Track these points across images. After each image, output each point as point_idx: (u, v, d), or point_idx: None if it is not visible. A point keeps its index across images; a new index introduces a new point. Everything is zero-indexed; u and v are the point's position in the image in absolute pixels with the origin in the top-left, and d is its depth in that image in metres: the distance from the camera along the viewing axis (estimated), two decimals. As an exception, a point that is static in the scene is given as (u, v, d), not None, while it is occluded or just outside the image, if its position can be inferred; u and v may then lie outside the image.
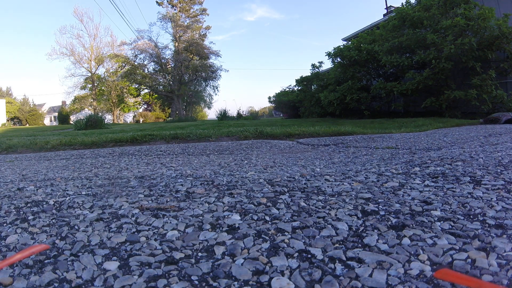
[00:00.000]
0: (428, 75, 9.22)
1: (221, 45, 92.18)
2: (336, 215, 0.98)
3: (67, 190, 1.44)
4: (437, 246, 0.74)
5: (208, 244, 0.80)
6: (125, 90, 35.84)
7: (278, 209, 1.06)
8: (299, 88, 18.82)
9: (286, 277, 0.63)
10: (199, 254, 0.75)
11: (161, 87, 32.86)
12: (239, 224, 0.93)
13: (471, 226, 0.85)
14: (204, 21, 33.32)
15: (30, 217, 1.04)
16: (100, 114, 22.30)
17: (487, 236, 0.77)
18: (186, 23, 32.06)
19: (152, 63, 31.93)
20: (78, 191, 1.41)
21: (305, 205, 1.09)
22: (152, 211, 1.07)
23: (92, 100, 34.86)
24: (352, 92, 11.69)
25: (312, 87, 17.22)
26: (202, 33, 33.06)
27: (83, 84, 34.52)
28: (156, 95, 36.46)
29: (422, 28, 10.01)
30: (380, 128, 6.24)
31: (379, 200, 1.11)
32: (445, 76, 9.20)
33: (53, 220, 1.01)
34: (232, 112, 20.08)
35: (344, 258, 0.70)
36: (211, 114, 42.55)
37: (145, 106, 41.72)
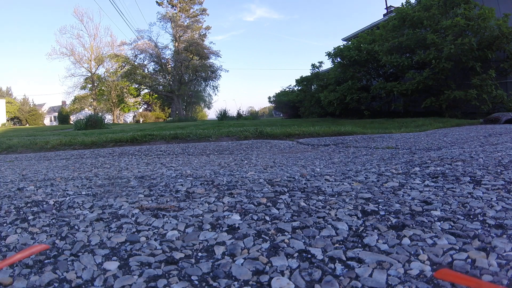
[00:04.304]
0: (428, 75, 9.22)
1: (221, 45, 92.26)
2: (336, 215, 0.98)
3: (67, 190, 1.43)
4: (437, 246, 0.74)
5: (208, 244, 0.80)
6: (125, 90, 35.83)
7: (278, 209, 1.06)
8: (299, 88, 18.82)
9: (286, 277, 0.63)
10: (199, 254, 0.75)
11: (161, 87, 32.85)
12: (239, 224, 0.93)
13: (471, 226, 0.85)
14: (204, 21, 33.35)
15: (30, 217, 1.04)
16: (100, 114, 22.26)
17: (487, 236, 0.77)
18: (186, 23, 32.07)
19: (152, 63, 31.96)
20: (78, 191, 1.41)
21: (305, 205, 1.09)
22: (152, 211, 1.07)
23: (92, 100, 34.85)
24: (352, 92, 11.69)
25: (312, 87, 17.22)
26: (202, 33, 33.07)
27: (83, 84, 34.53)
28: (156, 95, 36.45)
29: (422, 28, 10.01)
30: (380, 128, 6.24)
31: (379, 200, 1.11)
32: (445, 76, 9.20)
33: (53, 220, 1.01)
34: (232, 112, 20.11)
35: (344, 258, 0.70)
36: (211, 114, 42.54)
37: (145, 106, 41.73)
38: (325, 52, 12.99)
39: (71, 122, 24.63)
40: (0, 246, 0.82)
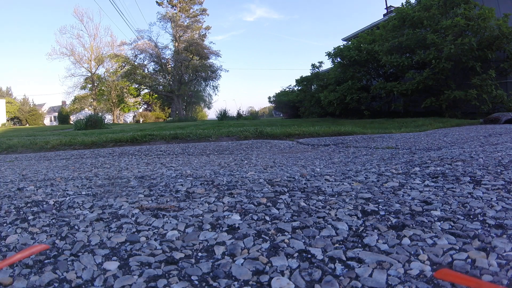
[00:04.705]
0: (428, 75, 9.22)
1: (221, 45, 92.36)
2: (336, 215, 0.98)
3: (67, 190, 1.43)
4: (437, 246, 0.74)
5: (208, 244, 0.80)
6: (125, 90, 35.83)
7: (278, 209, 1.06)
8: (299, 88, 18.81)
9: (286, 277, 0.63)
10: (199, 254, 0.75)
11: (161, 87, 32.84)
12: (239, 224, 0.93)
13: (471, 226, 0.85)
14: (204, 21, 33.33)
15: (30, 217, 1.04)
16: (100, 114, 22.24)
17: (487, 236, 0.77)
18: (186, 23, 32.06)
19: (152, 63, 31.94)
20: (78, 191, 1.41)
21: (305, 205, 1.09)
22: (152, 211, 1.07)
23: (92, 100, 34.86)
24: (352, 92, 11.69)
25: (312, 87, 17.21)
26: (202, 33, 33.06)
27: (83, 84, 34.54)
28: (156, 95, 36.44)
29: (422, 28, 10.01)
30: (380, 128, 6.24)
31: (379, 200, 1.11)
32: (445, 76, 9.19)
33: (53, 220, 1.01)
34: (232, 112, 20.09)
35: (344, 258, 0.70)
36: (211, 114, 42.50)
37: (145, 106, 41.72)
38: (325, 52, 13.00)
39: (71, 122, 24.64)
40: (0, 246, 0.82)
